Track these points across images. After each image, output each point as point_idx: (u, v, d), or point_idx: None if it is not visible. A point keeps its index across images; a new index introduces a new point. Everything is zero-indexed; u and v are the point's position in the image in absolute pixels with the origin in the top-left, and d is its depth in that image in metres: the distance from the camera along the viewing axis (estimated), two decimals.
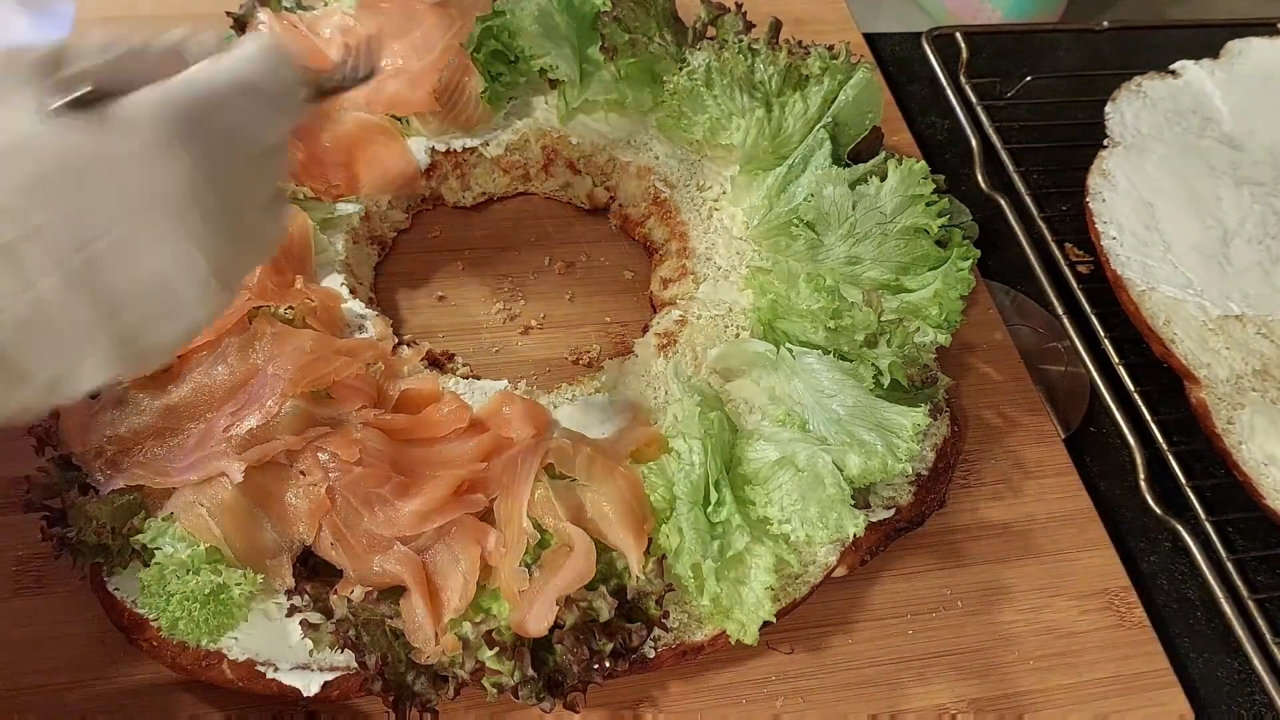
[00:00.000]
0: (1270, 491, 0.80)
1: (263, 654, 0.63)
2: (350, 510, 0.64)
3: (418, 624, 0.61)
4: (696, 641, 0.67)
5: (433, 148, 0.90)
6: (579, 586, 0.61)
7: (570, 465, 0.66)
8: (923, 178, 0.82)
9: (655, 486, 0.68)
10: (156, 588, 0.61)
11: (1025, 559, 0.78)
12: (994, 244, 1.01)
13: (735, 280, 0.85)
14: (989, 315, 0.93)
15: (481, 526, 0.64)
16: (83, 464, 0.65)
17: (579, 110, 0.94)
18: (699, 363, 0.79)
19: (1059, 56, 1.24)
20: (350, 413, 0.68)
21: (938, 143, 1.12)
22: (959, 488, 0.81)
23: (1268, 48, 1.14)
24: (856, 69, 0.87)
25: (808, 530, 0.68)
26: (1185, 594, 0.81)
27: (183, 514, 0.62)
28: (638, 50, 0.90)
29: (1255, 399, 0.84)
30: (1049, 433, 0.86)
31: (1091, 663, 0.74)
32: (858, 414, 0.72)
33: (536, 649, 0.61)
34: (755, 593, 0.65)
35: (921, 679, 0.72)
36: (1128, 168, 1.00)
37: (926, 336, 0.79)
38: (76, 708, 0.64)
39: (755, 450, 0.71)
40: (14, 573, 0.69)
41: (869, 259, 0.80)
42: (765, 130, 0.86)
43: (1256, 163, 1.03)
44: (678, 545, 0.65)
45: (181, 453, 0.65)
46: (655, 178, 0.91)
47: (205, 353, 0.69)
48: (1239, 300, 0.91)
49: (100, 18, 1.05)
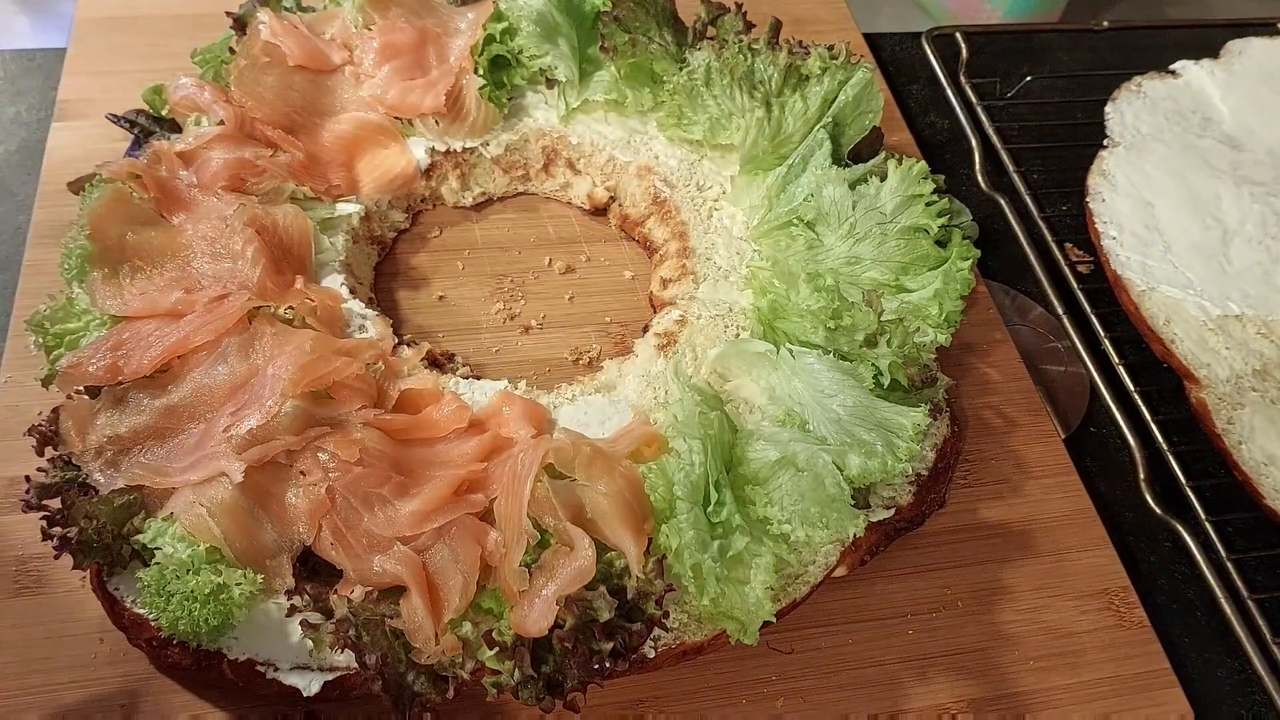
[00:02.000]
0: (1270, 491, 0.80)
1: (263, 654, 0.63)
2: (350, 510, 0.64)
3: (418, 624, 0.61)
4: (696, 641, 0.67)
5: (433, 148, 0.90)
6: (579, 586, 0.61)
7: (570, 465, 0.66)
8: (923, 178, 0.82)
9: (655, 486, 0.68)
10: (156, 588, 0.61)
11: (1025, 559, 0.78)
12: (994, 244, 1.01)
13: (735, 280, 0.85)
14: (989, 315, 0.93)
15: (481, 526, 0.64)
16: (83, 464, 0.65)
17: (579, 110, 0.94)
18: (699, 363, 0.79)
19: (1059, 56, 1.24)
20: (350, 413, 0.68)
21: (938, 143, 1.12)
22: (959, 488, 0.81)
23: (1268, 48, 1.14)
24: (856, 69, 0.87)
25: (808, 530, 0.68)
26: (1185, 594, 0.81)
27: (183, 514, 0.62)
28: (638, 50, 0.90)
29: (1255, 399, 0.84)
30: (1049, 433, 0.86)
31: (1091, 663, 0.74)
32: (858, 414, 0.72)
33: (536, 649, 0.61)
34: (755, 593, 0.65)
35: (921, 679, 0.72)
36: (1128, 168, 1.00)
37: (926, 336, 0.79)
38: (76, 708, 0.64)
39: (755, 450, 0.71)
40: (14, 573, 0.69)
41: (869, 259, 0.80)
42: (765, 130, 0.87)
43: (1256, 163, 1.03)
44: (678, 545, 0.65)
45: (181, 453, 0.65)
46: (655, 178, 0.91)
47: (205, 353, 0.69)
48: (1239, 300, 0.90)
49: (101, 17, 1.05)
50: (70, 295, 0.74)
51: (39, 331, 0.72)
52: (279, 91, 0.86)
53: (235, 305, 0.71)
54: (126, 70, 1.00)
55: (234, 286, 0.73)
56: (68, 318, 0.72)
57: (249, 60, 0.87)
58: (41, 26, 1.72)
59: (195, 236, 0.77)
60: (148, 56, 1.02)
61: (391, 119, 0.89)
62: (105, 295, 0.72)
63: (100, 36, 1.04)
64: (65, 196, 0.82)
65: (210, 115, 0.84)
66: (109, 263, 0.73)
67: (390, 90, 0.88)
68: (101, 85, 0.98)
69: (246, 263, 0.74)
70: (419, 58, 0.91)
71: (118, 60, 1.02)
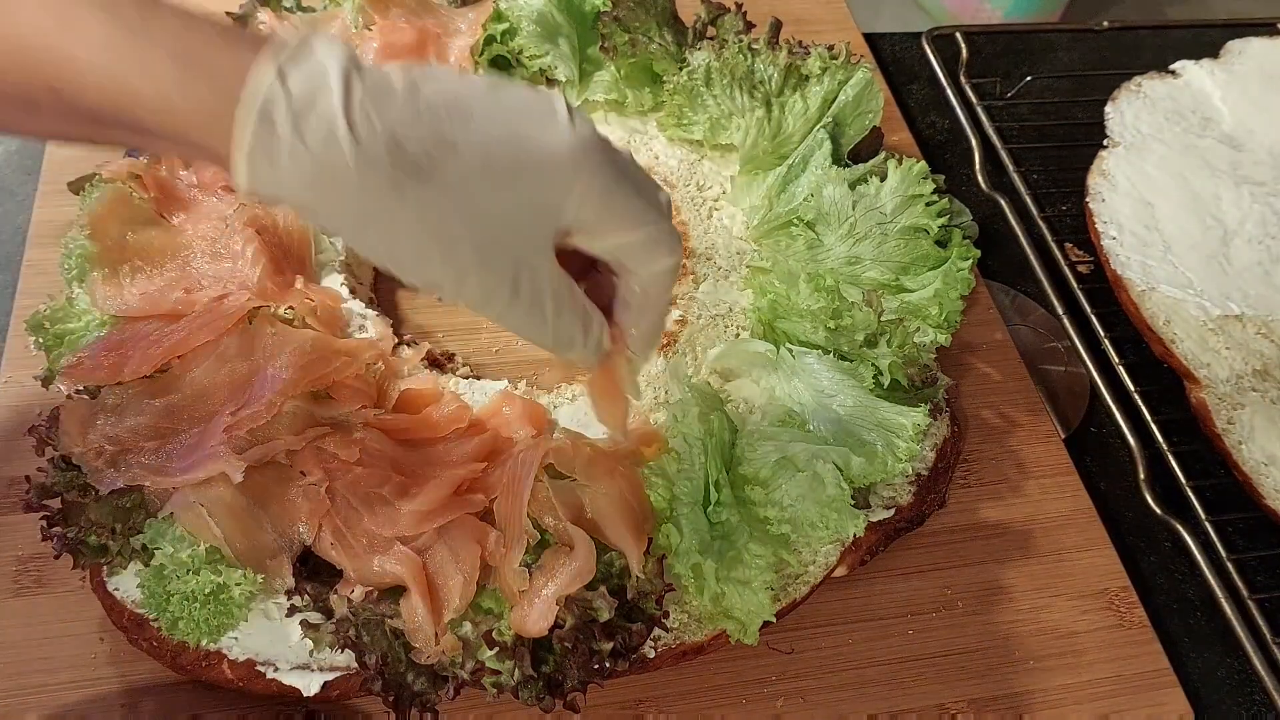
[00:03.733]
0: (1270, 491, 0.80)
1: (263, 654, 0.63)
2: (350, 510, 0.64)
3: (418, 624, 0.61)
4: (696, 641, 0.67)
5: None
6: (579, 586, 0.61)
7: (570, 465, 0.66)
8: (923, 178, 0.82)
9: (655, 486, 0.68)
10: (156, 588, 0.61)
11: (1025, 559, 0.78)
12: (994, 244, 1.01)
13: (735, 280, 0.85)
14: (989, 315, 0.93)
15: (481, 526, 0.64)
16: (83, 464, 0.65)
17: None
18: (699, 363, 0.79)
19: (1059, 56, 1.24)
20: (350, 413, 0.68)
21: (938, 143, 1.12)
22: (959, 488, 0.81)
23: (1268, 48, 1.14)
24: (856, 69, 0.87)
25: (808, 530, 0.68)
26: (1185, 594, 0.81)
27: (183, 514, 0.62)
28: (638, 50, 0.90)
29: (1255, 399, 0.84)
30: (1049, 433, 0.86)
31: (1091, 663, 0.74)
32: (858, 414, 0.72)
33: (536, 649, 0.61)
34: (755, 593, 0.65)
35: (921, 679, 0.72)
36: (1128, 168, 1.00)
37: (926, 336, 0.79)
38: (76, 708, 0.64)
39: (755, 450, 0.71)
40: (14, 573, 0.69)
41: (869, 259, 0.80)
42: (765, 130, 0.87)
43: (1256, 163, 1.03)
44: (678, 545, 0.65)
45: (181, 453, 0.65)
46: (655, 177, 0.91)
47: (205, 353, 0.69)
48: (1239, 300, 0.90)
49: None
50: (70, 295, 0.74)
51: (39, 331, 0.72)
52: None
53: (235, 305, 0.71)
54: None
55: (234, 286, 0.73)
56: (68, 318, 0.72)
57: None
58: None
59: (195, 236, 0.77)
60: None
61: None
62: (105, 295, 0.72)
63: None
64: (65, 196, 0.82)
65: None
66: (109, 263, 0.73)
67: None
68: None
69: (246, 263, 0.74)
70: (419, 58, 0.91)
71: None
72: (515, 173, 0.46)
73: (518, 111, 0.47)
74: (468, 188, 0.46)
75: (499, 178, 0.46)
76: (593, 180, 0.47)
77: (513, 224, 0.47)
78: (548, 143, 0.46)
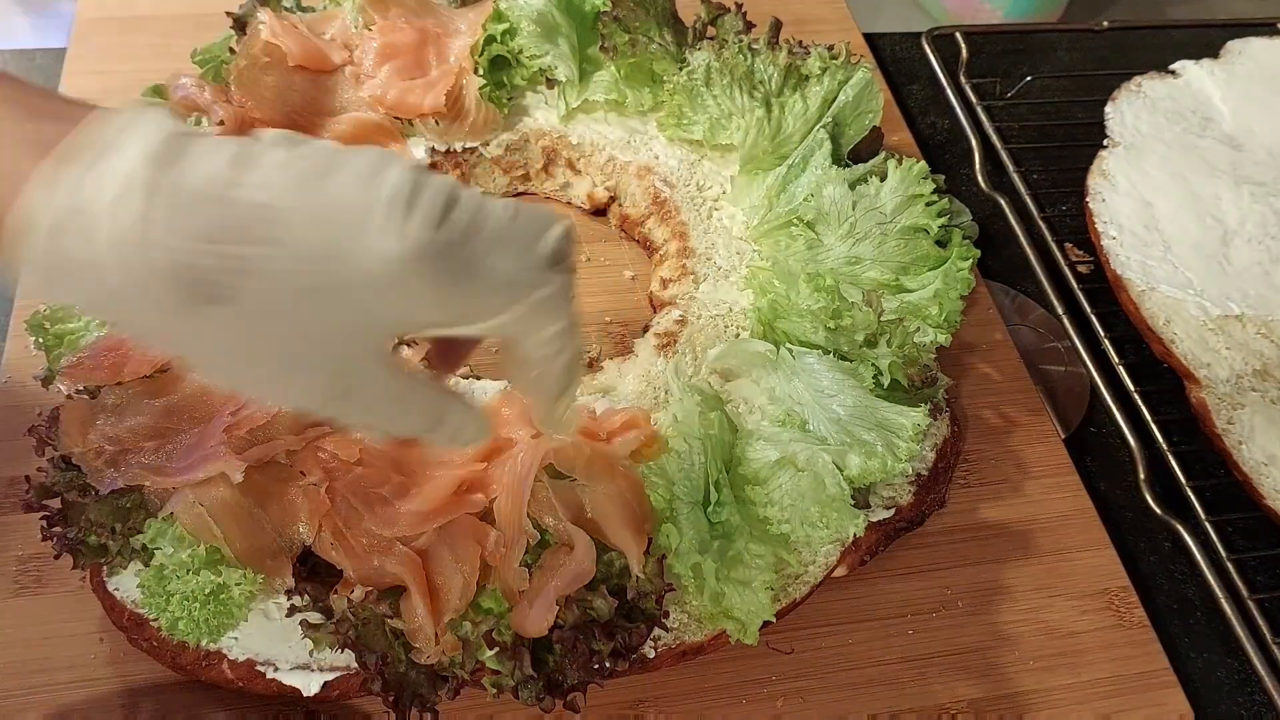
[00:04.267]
0: (1270, 491, 0.80)
1: (263, 654, 0.63)
2: (350, 510, 0.64)
3: (418, 624, 0.61)
4: (696, 641, 0.67)
5: (432, 148, 0.90)
6: (579, 586, 0.61)
7: (570, 465, 0.66)
8: (923, 178, 0.82)
9: (655, 486, 0.68)
10: (156, 588, 0.61)
11: (1025, 559, 0.78)
12: (994, 244, 1.01)
13: (735, 280, 0.85)
14: (989, 315, 0.93)
15: (481, 526, 0.64)
16: (83, 464, 0.65)
17: (579, 110, 0.94)
18: (699, 363, 0.79)
19: (1059, 56, 1.24)
20: None
21: (938, 143, 1.12)
22: (959, 488, 0.81)
23: (1268, 48, 1.14)
24: (856, 69, 0.87)
25: (808, 530, 0.68)
26: (1185, 594, 0.81)
27: (183, 514, 0.62)
28: (638, 50, 0.90)
29: (1255, 399, 0.84)
30: (1049, 433, 0.86)
31: (1091, 663, 0.74)
32: (858, 414, 0.72)
33: (536, 649, 0.61)
34: (755, 593, 0.65)
35: (921, 679, 0.72)
36: (1128, 168, 1.00)
37: (926, 336, 0.79)
38: (76, 708, 0.64)
39: (755, 450, 0.71)
40: (14, 573, 0.69)
41: (869, 259, 0.80)
42: (765, 130, 0.86)
43: (1256, 163, 1.03)
44: (678, 545, 0.65)
45: (181, 453, 0.65)
46: (655, 178, 0.91)
47: None
48: (1239, 300, 0.91)
49: (101, 18, 1.05)
50: None
51: (39, 332, 0.72)
52: (279, 91, 0.86)
53: None
54: (126, 70, 1.00)
55: None
56: (68, 318, 0.72)
57: (249, 60, 0.87)
58: (41, 26, 1.72)
59: None
60: (148, 56, 1.02)
61: (391, 119, 0.89)
62: None
63: (100, 36, 1.04)
64: None
65: (210, 115, 0.84)
66: None
67: (390, 90, 0.88)
68: (101, 85, 0.98)
69: None
70: (419, 58, 0.91)
71: (118, 60, 1.02)
72: (323, 293, 0.41)
73: (332, 221, 0.40)
74: (272, 311, 0.41)
75: (306, 299, 0.41)
76: (421, 289, 0.41)
77: (328, 340, 0.42)
78: (359, 259, 0.40)
